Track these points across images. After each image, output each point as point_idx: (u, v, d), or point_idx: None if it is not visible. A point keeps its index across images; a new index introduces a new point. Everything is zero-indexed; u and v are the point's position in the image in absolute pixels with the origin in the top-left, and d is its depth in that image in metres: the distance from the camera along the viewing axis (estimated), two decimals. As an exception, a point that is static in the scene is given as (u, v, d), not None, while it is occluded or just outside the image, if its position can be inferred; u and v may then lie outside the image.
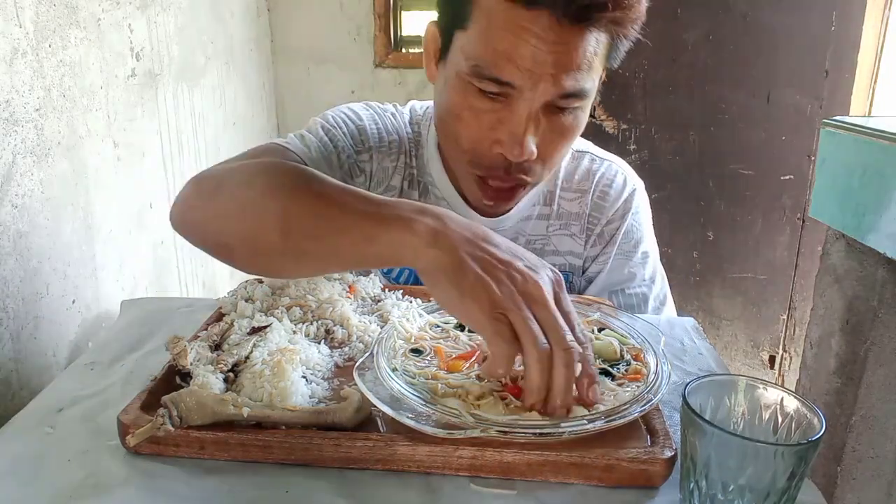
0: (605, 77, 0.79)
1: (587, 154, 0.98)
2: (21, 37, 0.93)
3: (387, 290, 0.85)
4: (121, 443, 0.56)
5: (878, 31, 1.87)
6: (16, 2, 0.91)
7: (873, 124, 0.97)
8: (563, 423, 0.54)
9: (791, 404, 0.51)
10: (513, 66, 0.70)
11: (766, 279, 2.10)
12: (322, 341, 0.73)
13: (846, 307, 1.07)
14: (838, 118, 1.04)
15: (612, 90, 2.04)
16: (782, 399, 0.52)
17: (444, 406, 0.56)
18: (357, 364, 0.61)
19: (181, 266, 1.52)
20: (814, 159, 1.94)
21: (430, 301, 0.79)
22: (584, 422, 0.55)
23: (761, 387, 0.52)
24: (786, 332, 2.13)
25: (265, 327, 0.70)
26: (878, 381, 1.01)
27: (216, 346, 0.69)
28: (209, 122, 1.79)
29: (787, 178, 2.01)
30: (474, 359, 0.64)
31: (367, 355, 0.63)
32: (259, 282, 0.82)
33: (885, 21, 1.87)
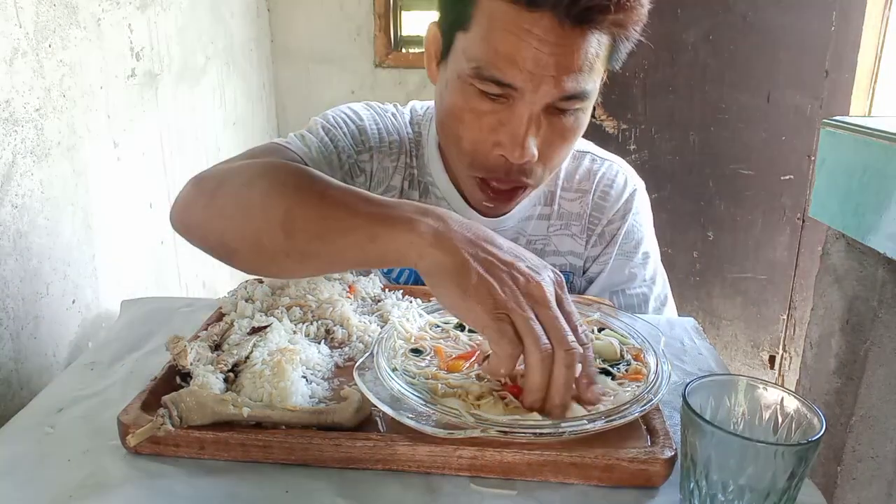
0: (605, 78, 0.79)
1: (588, 154, 0.98)
2: (21, 37, 0.93)
3: (387, 290, 0.85)
4: (121, 443, 0.56)
5: (878, 31, 1.87)
6: (16, 2, 0.91)
7: (873, 124, 0.97)
8: (563, 423, 0.54)
9: (791, 404, 0.51)
10: (514, 67, 0.70)
11: (766, 279, 2.10)
12: (322, 341, 0.73)
13: (846, 307, 1.07)
14: (838, 118, 1.04)
15: (612, 90, 2.04)
16: (782, 399, 0.52)
17: (444, 406, 0.56)
18: (357, 364, 0.61)
19: (181, 266, 1.52)
20: (814, 159, 1.94)
21: (430, 301, 0.79)
22: (584, 422, 0.55)
23: (761, 387, 0.52)
24: (786, 332, 2.13)
25: (265, 327, 0.70)
26: (878, 381, 1.01)
27: (216, 346, 0.69)
28: (209, 122, 1.79)
29: (787, 178, 2.01)
30: (474, 359, 0.64)
31: (367, 355, 0.62)
32: (259, 282, 0.82)
33: (885, 21, 1.87)
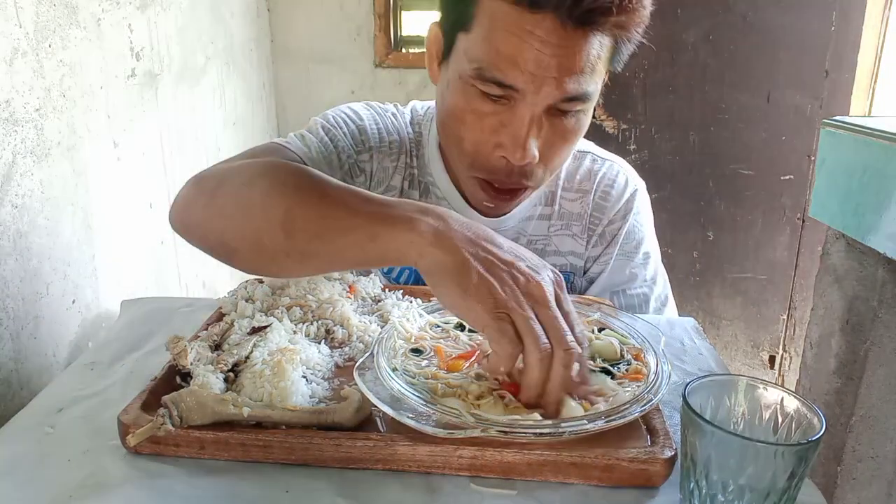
0: (607, 79, 0.79)
1: (589, 154, 0.98)
2: (21, 37, 0.93)
3: (387, 290, 0.85)
4: (121, 443, 0.56)
5: (878, 31, 1.87)
6: (16, 2, 0.91)
7: (873, 124, 0.97)
8: (563, 423, 0.54)
9: (791, 404, 0.51)
10: (516, 69, 0.70)
11: (766, 279, 2.10)
12: (322, 341, 0.73)
13: (846, 307, 1.07)
14: (838, 118, 1.04)
15: (612, 90, 2.03)
16: (782, 399, 0.52)
17: (444, 406, 0.56)
18: (357, 364, 0.61)
19: (181, 266, 1.52)
20: (814, 159, 1.94)
21: (430, 301, 0.79)
22: (584, 422, 0.55)
23: (761, 387, 0.52)
24: (786, 332, 2.13)
25: (265, 327, 0.70)
26: (878, 381, 1.01)
27: (216, 346, 0.69)
28: (209, 122, 1.79)
29: (787, 178, 2.01)
30: (474, 359, 0.64)
31: (368, 355, 0.62)
32: (259, 282, 0.82)
33: (885, 21, 1.87)
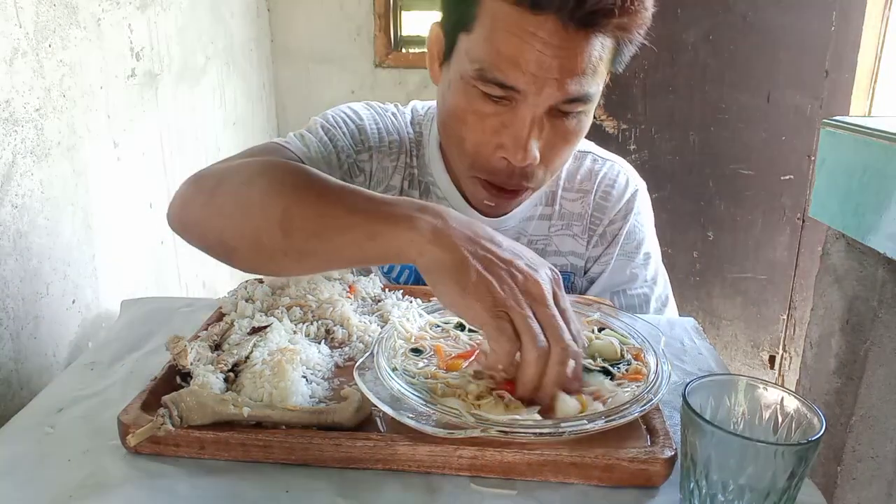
0: (608, 80, 0.79)
1: (589, 154, 0.98)
2: (21, 37, 0.93)
3: (387, 290, 0.85)
4: (121, 443, 0.56)
5: (878, 31, 1.87)
6: (16, 2, 0.91)
7: (873, 124, 0.97)
8: (563, 423, 0.54)
9: (791, 404, 0.51)
10: (517, 70, 0.70)
11: (766, 279, 2.10)
12: (322, 341, 0.73)
13: (846, 307, 1.07)
14: (838, 118, 1.04)
15: (612, 90, 2.03)
16: (782, 399, 0.52)
17: (444, 406, 0.56)
18: (357, 364, 0.61)
19: (181, 266, 1.52)
20: (814, 159, 1.94)
21: (430, 301, 0.79)
22: (584, 422, 0.55)
23: (761, 387, 0.52)
24: (786, 332, 2.13)
25: (265, 327, 0.70)
26: (878, 381, 1.01)
27: (216, 346, 0.69)
28: (209, 122, 1.79)
29: (787, 178, 2.01)
30: (473, 358, 0.64)
31: (368, 355, 0.62)
32: (259, 282, 0.82)
33: (885, 21, 1.87)
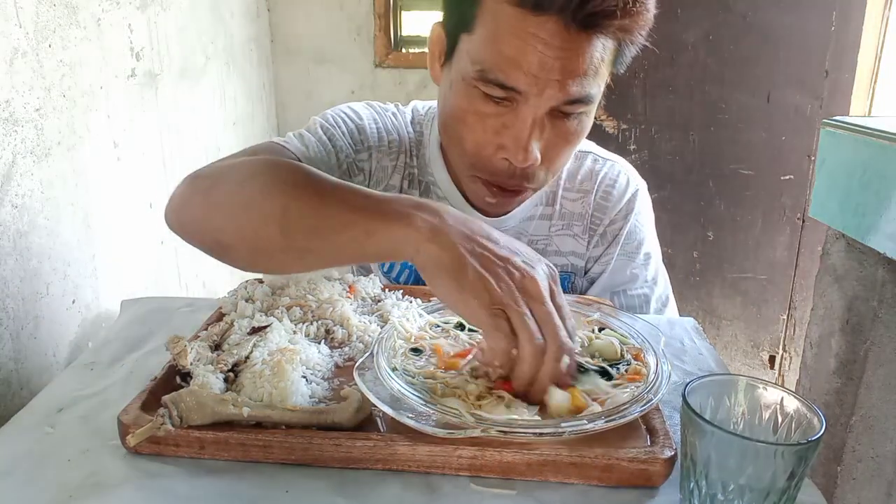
0: (609, 81, 0.79)
1: (590, 154, 0.98)
2: (21, 37, 0.93)
3: (387, 290, 0.85)
4: (121, 443, 0.56)
5: (878, 31, 1.87)
6: (16, 2, 0.91)
7: (873, 124, 0.97)
8: (563, 423, 0.54)
9: (791, 404, 0.51)
10: (519, 71, 0.70)
11: (766, 279, 2.10)
12: (322, 341, 0.73)
13: (846, 307, 1.07)
14: (838, 118, 1.04)
15: (612, 90, 2.03)
16: (782, 399, 0.52)
17: (444, 406, 0.56)
18: (357, 364, 0.61)
19: (181, 266, 1.52)
20: (814, 159, 1.94)
21: (430, 301, 0.79)
22: (584, 422, 0.55)
23: (761, 387, 0.52)
24: (786, 332, 2.13)
25: (265, 327, 0.70)
26: (878, 381, 1.01)
27: (216, 346, 0.69)
28: (209, 122, 1.79)
29: (787, 178, 2.01)
30: (471, 356, 0.64)
31: (367, 355, 0.62)
32: (259, 282, 0.82)
33: (885, 21, 1.87)
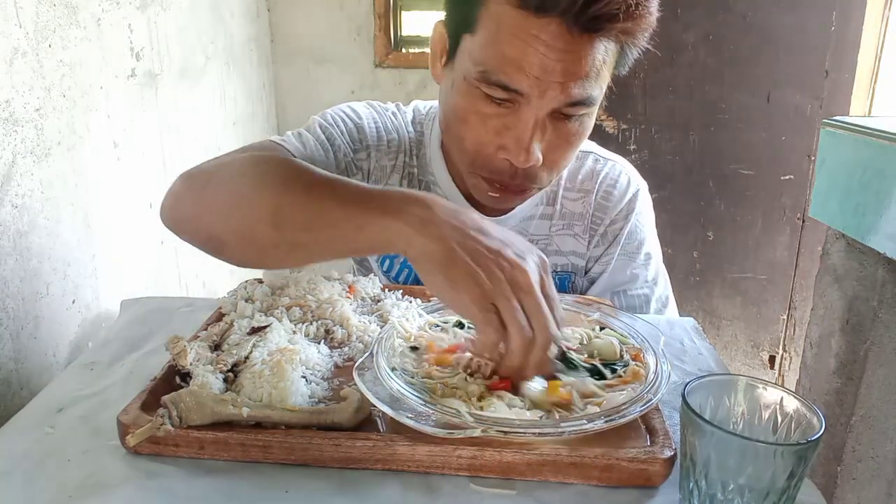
0: (611, 82, 0.79)
1: (591, 154, 0.98)
2: (21, 37, 0.93)
3: (386, 289, 0.85)
4: (121, 443, 0.56)
5: (878, 31, 1.87)
6: (16, 2, 0.91)
7: (873, 124, 0.97)
8: (562, 423, 0.54)
9: (791, 404, 0.51)
10: (521, 73, 0.70)
11: (766, 279, 2.10)
12: (322, 341, 0.73)
13: (846, 307, 1.07)
14: (838, 118, 1.04)
15: (612, 90, 2.04)
16: (782, 399, 0.52)
17: (443, 406, 0.56)
18: (357, 364, 0.61)
19: (181, 266, 1.52)
20: (814, 159, 1.94)
21: (429, 301, 0.79)
22: (584, 422, 0.55)
23: (761, 387, 0.52)
24: (786, 332, 2.13)
25: (265, 327, 0.70)
26: (878, 381, 1.01)
27: (216, 346, 0.69)
28: (209, 122, 1.79)
29: (787, 178, 2.01)
30: (465, 354, 0.64)
31: (367, 355, 0.62)
32: (259, 282, 0.82)
33: (885, 21, 1.87)
